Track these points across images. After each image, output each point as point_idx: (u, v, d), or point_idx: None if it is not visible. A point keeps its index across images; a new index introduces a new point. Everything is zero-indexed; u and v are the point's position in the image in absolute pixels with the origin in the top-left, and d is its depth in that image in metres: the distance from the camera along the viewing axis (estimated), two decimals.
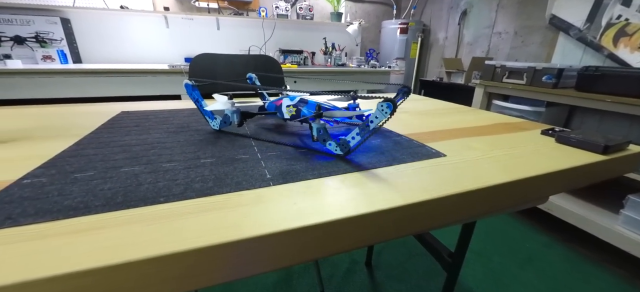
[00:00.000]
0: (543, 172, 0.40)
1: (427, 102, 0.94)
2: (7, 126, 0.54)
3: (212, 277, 0.24)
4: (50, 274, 0.19)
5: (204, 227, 0.25)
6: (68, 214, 0.26)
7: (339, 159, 0.41)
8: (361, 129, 0.39)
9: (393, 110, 0.34)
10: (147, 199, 0.29)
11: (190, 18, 2.33)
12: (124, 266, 0.21)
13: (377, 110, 0.36)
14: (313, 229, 0.27)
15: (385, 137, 0.52)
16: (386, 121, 0.36)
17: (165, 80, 1.90)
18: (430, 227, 0.34)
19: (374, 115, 0.36)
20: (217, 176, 0.34)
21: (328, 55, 2.70)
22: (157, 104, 0.77)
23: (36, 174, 0.33)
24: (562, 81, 1.49)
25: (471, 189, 0.34)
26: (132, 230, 0.24)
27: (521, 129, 0.62)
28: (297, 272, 1.22)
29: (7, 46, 1.84)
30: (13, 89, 1.60)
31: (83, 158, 0.39)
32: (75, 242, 0.22)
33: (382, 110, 0.35)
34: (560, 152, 0.48)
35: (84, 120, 0.59)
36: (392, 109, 0.34)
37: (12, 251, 0.21)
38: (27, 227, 0.24)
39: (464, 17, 2.64)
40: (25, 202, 0.27)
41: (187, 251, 0.22)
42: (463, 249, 0.74)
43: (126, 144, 0.45)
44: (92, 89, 1.75)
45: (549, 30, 1.97)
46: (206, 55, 1.11)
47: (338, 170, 0.38)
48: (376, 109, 0.36)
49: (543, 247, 1.41)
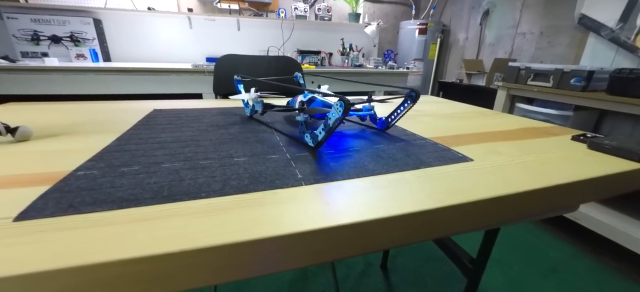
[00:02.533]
0: (575, 180, 0.39)
1: (448, 104, 0.93)
2: (57, 121, 0.58)
3: (253, 269, 0.26)
4: (113, 258, 0.21)
5: (246, 222, 0.26)
6: (121, 205, 0.28)
7: (366, 161, 0.42)
8: (325, 125, 0.42)
9: (345, 109, 0.37)
10: (190, 194, 0.31)
11: (212, 19, 2.39)
12: (177, 255, 0.22)
13: (333, 108, 0.39)
14: (346, 229, 0.28)
15: (410, 141, 0.53)
16: (342, 119, 0.39)
17: (189, 79, 1.96)
18: (458, 231, 0.35)
19: (331, 113, 0.40)
20: (251, 174, 0.36)
21: (345, 56, 2.70)
22: (185, 103, 0.80)
23: (88, 167, 0.36)
24: (592, 84, 1.42)
25: (501, 194, 0.34)
26: (181, 222, 0.26)
27: (550, 134, 0.61)
28: (313, 272, 1.23)
29: (45, 45, 1.96)
30: (50, 85, 1.70)
31: (127, 153, 0.41)
32: (132, 230, 0.24)
33: (336, 108, 0.38)
34: (593, 159, 0.47)
35: (121, 117, 0.63)
36: (343, 107, 0.37)
37: (78, 236, 0.23)
38: (87, 215, 0.26)
39: (486, 17, 2.58)
40: (82, 192, 0.30)
41: (232, 244, 0.24)
42: (485, 255, 0.73)
43: (163, 140, 0.48)
44: (120, 86, 1.84)
45: (577, 30, 1.89)
46: (229, 56, 1.14)
47: (366, 172, 0.39)
48: (332, 107, 0.39)
49: (568, 258, 1.36)
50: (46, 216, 0.26)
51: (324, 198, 0.31)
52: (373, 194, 0.33)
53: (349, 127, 0.61)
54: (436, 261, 1.33)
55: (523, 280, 1.22)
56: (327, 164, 0.41)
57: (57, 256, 0.21)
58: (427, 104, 0.94)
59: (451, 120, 0.71)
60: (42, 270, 0.20)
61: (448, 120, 0.71)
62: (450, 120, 0.71)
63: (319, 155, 0.44)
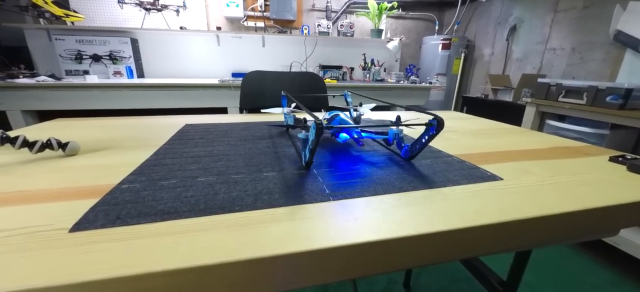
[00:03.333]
0: (613, 203, 0.37)
1: (474, 121, 0.91)
2: (99, 136, 0.63)
3: (289, 281, 0.26)
4: (159, 269, 0.23)
5: (280, 236, 0.27)
6: (163, 217, 0.30)
7: (393, 177, 0.42)
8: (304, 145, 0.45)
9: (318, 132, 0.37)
10: (224, 207, 0.32)
11: (239, 36, 2.50)
12: (217, 267, 0.24)
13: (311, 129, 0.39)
14: (375, 245, 0.28)
15: (436, 157, 0.52)
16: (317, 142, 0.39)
17: (215, 93, 2.05)
18: (488, 252, 0.34)
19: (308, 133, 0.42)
20: (281, 189, 0.37)
21: (367, 70, 2.72)
22: (214, 117, 0.84)
23: (130, 181, 0.39)
24: (631, 102, 1.35)
25: (534, 216, 0.33)
26: (218, 235, 0.27)
27: (585, 154, 0.58)
28: (334, 288, 1.21)
29: (87, 63, 2.12)
30: (90, 100, 1.83)
31: (164, 167, 0.44)
32: (175, 242, 0.26)
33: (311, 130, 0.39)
34: (633, 182, 0.45)
35: (157, 132, 0.67)
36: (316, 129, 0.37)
37: (126, 247, 0.25)
38: (133, 226, 0.28)
39: (513, 33, 2.52)
40: (128, 204, 0.32)
41: (268, 257, 0.25)
42: (517, 278, 0.69)
43: (196, 155, 0.51)
44: (152, 101, 1.94)
45: (613, 46, 1.81)
46: (256, 72, 1.19)
47: (393, 188, 0.39)
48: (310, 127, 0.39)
49: (607, 285, 1.26)
50: (97, 227, 0.28)
51: (352, 214, 0.32)
52: (401, 211, 0.33)
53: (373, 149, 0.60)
54: (462, 282, 1.27)
55: None
56: (354, 179, 0.41)
57: (110, 265, 0.23)
58: (451, 120, 0.93)
59: (477, 138, 0.69)
60: (98, 279, 0.22)
61: (474, 137, 0.69)
62: (477, 137, 0.70)
63: (347, 171, 0.45)
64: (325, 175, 0.43)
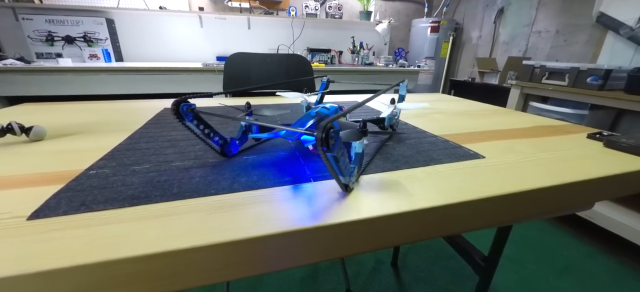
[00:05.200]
0: (591, 177, 0.38)
1: (461, 103, 0.91)
2: (69, 121, 0.59)
3: (268, 264, 0.26)
4: (126, 255, 0.21)
5: (256, 218, 0.26)
6: (133, 202, 0.28)
7: (376, 158, 0.42)
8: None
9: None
10: (199, 191, 0.31)
11: (223, 18, 2.41)
12: (191, 251, 0.23)
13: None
14: (357, 225, 0.27)
15: (420, 138, 0.52)
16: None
17: (199, 78, 1.98)
18: (470, 228, 0.34)
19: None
20: (260, 171, 0.36)
21: (356, 54, 2.68)
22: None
23: (100, 166, 0.37)
24: (610, 83, 1.39)
25: (515, 191, 0.34)
26: (192, 218, 0.26)
27: (565, 133, 0.59)
28: (324, 269, 1.23)
29: (59, 46, 2.00)
30: (64, 85, 1.74)
31: (138, 152, 0.42)
32: (144, 228, 0.25)
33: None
34: (609, 157, 0.46)
35: (132, 116, 0.64)
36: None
37: (91, 233, 0.24)
38: (99, 213, 0.27)
39: (501, 15, 2.52)
40: (95, 190, 0.30)
41: (244, 239, 0.24)
42: (498, 253, 0.71)
43: (173, 139, 0.48)
44: (133, 86, 1.87)
45: (595, 28, 1.83)
46: (240, 54, 1.15)
47: (376, 168, 0.38)
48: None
49: (584, 257, 1.32)
50: (59, 214, 0.26)
51: (333, 194, 0.31)
52: (383, 190, 0.32)
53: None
54: (448, 259, 1.31)
55: (536, 278, 1.19)
56: None
57: (70, 253, 0.21)
58: (439, 102, 0.93)
59: (464, 118, 0.69)
60: (55, 268, 0.20)
61: (460, 118, 0.69)
62: (463, 118, 0.70)
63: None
64: (308, 156, 0.42)
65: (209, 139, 0.38)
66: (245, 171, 0.36)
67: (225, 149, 0.41)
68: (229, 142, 0.41)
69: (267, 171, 0.36)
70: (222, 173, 0.35)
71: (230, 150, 0.41)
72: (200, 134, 0.36)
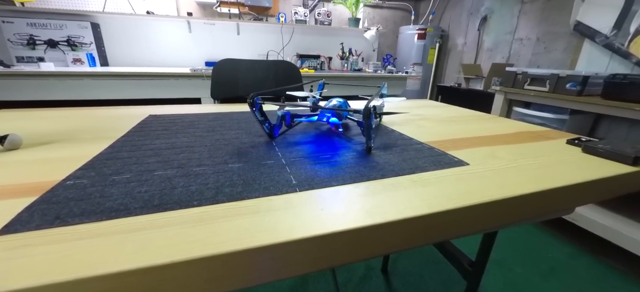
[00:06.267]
0: (570, 183, 0.39)
1: (447, 109, 0.93)
2: (48, 128, 0.57)
3: (250, 278, 0.25)
4: (99, 272, 0.21)
5: (240, 231, 0.26)
6: (110, 215, 0.28)
7: (362, 166, 0.42)
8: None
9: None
10: (181, 202, 0.30)
11: (212, 23, 2.39)
12: (169, 266, 0.22)
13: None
14: (342, 235, 0.27)
15: (407, 146, 0.52)
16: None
17: (187, 83, 1.96)
18: (455, 235, 0.34)
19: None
20: (245, 181, 0.36)
21: (345, 60, 2.70)
22: (182, 108, 0.80)
23: (78, 176, 0.35)
24: (588, 89, 1.44)
25: (497, 198, 0.34)
26: (172, 232, 0.25)
27: (546, 138, 0.61)
28: (314, 277, 1.22)
29: (41, 49, 1.94)
30: (46, 90, 1.69)
31: (119, 161, 0.41)
32: (121, 242, 0.24)
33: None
34: (587, 162, 0.47)
35: (115, 123, 0.62)
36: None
37: (64, 250, 0.23)
38: (75, 227, 0.26)
39: (484, 23, 2.59)
40: (70, 202, 0.29)
41: (225, 253, 0.23)
42: (484, 258, 0.72)
43: (157, 147, 0.47)
44: (119, 92, 1.83)
45: (573, 36, 1.90)
46: (228, 60, 1.14)
47: (361, 177, 0.38)
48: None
49: (568, 258, 1.35)
50: (31, 228, 0.25)
51: (318, 204, 0.31)
52: (369, 199, 0.32)
53: (348, 137, 0.61)
54: (437, 264, 1.32)
55: (523, 281, 1.21)
56: (322, 169, 0.40)
57: (42, 271, 0.20)
58: (426, 108, 0.94)
59: (449, 125, 0.70)
60: (25, 287, 0.19)
61: (446, 125, 0.70)
62: (449, 124, 0.71)
63: (315, 160, 0.43)
64: (293, 165, 0.42)
65: (262, 125, 0.52)
66: (231, 182, 0.36)
67: (273, 132, 0.55)
68: (273, 127, 0.55)
69: (252, 181, 0.36)
70: (206, 182, 0.35)
71: (274, 133, 0.55)
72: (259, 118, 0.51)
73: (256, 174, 0.38)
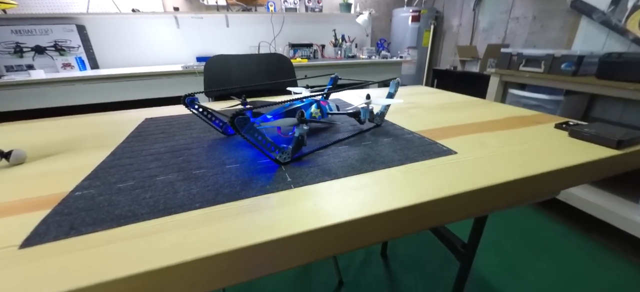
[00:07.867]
0: (554, 168, 0.41)
1: (440, 95, 0.94)
2: (48, 139, 0.59)
3: (253, 272, 0.27)
4: (118, 275, 0.23)
5: (242, 229, 0.28)
6: (120, 222, 0.29)
7: (354, 159, 0.44)
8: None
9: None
10: (184, 206, 0.32)
11: (200, 17, 2.36)
12: (178, 267, 0.24)
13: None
14: (336, 228, 0.29)
15: (397, 136, 0.54)
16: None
17: (180, 81, 1.95)
18: (444, 222, 0.37)
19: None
20: (243, 181, 0.38)
21: (338, 47, 2.69)
22: (176, 109, 0.81)
23: (85, 186, 0.37)
24: (583, 68, 1.43)
25: (483, 186, 0.36)
26: (178, 234, 0.27)
27: (535, 123, 0.63)
28: (316, 263, 1.26)
29: (29, 56, 1.92)
30: (38, 99, 1.68)
31: (121, 168, 0.43)
32: (133, 247, 0.26)
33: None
34: (573, 146, 0.49)
35: (113, 129, 0.64)
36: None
37: (82, 258, 0.25)
38: (89, 235, 0.28)
39: (480, 2, 2.57)
40: (82, 213, 0.31)
41: (228, 251, 0.25)
42: (476, 240, 0.75)
43: (156, 152, 0.49)
44: (112, 95, 1.82)
45: (570, 14, 1.89)
46: (219, 57, 1.14)
47: (353, 171, 0.40)
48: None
49: (560, 237, 1.40)
50: (50, 240, 0.27)
51: (312, 200, 0.33)
52: (361, 192, 0.35)
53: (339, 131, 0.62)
54: (434, 247, 1.36)
55: (517, 260, 1.26)
56: (316, 165, 0.42)
57: (67, 278, 0.23)
58: (419, 95, 0.96)
59: (441, 112, 0.72)
60: None
61: (438, 113, 0.72)
62: (441, 112, 0.73)
63: (310, 156, 0.45)
64: (288, 163, 0.43)
65: (211, 122, 0.53)
66: (230, 183, 0.37)
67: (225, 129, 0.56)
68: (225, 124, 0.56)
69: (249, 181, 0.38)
70: (206, 185, 0.37)
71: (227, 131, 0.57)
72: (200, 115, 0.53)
73: (253, 173, 0.40)
